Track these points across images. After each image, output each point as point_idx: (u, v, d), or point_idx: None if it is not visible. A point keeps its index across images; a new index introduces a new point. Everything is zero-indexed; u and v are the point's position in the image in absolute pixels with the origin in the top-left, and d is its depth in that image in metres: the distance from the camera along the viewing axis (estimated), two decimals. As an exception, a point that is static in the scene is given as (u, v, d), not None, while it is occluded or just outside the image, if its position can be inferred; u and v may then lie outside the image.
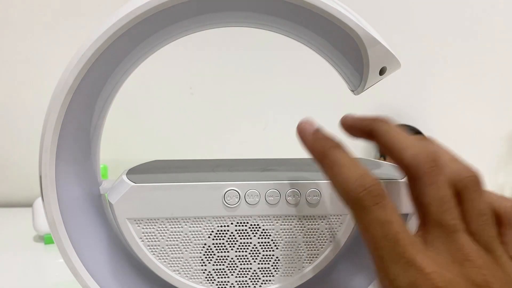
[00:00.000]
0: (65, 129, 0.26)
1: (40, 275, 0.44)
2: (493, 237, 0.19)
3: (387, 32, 0.62)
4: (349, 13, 0.24)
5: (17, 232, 0.53)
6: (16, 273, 0.42)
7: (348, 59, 0.27)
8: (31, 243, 0.49)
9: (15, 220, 0.58)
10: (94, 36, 0.24)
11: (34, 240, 0.50)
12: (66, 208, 0.26)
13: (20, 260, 0.45)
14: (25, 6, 0.60)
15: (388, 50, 0.26)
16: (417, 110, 0.68)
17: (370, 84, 0.27)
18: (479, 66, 0.67)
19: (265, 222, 0.26)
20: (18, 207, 0.63)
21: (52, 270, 0.44)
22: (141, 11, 0.23)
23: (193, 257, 0.26)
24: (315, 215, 0.26)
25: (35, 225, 0.49)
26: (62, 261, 0.44)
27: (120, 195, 0.25)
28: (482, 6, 0.65)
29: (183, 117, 0.65)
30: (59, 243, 0.26)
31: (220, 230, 0.26)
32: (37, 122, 0.62)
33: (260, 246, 0.26)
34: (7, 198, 0.65)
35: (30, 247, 0.48)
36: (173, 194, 0.25)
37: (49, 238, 0.49)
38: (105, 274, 0.27)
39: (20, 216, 0.57)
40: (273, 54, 0.63)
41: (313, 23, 0.25)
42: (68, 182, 0.27)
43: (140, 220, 0.25)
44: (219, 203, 0.25)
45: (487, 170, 0.70)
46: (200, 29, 0.27)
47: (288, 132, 0.65)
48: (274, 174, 0.27)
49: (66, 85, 0.24)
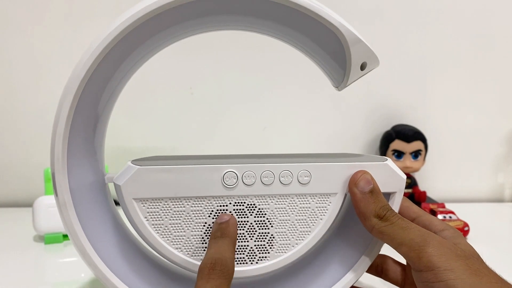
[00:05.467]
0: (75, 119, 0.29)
1: (40, 275, 0.45)
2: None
3: (388, 32, 0.66)
4: (333, 13, 0.29)
5: (17, 232, 0.55)
6: (16, 273, 0.43)
7: (332, 56, 0.31)
8: (31, 243, 0.51)
9: (15, 220, 0.60)
10: (105, 33, 0.28)
11: (34, 240, 0.52)
12: (75, 193, 0.30)
13: (20, 260, 0.46)
14: (25, 6, 0.62)
15: (368, 47, 0.30)
16: (418, 110, 0.70)
17: (353, 80, 0.31)
18: (479, 66, 0.69)
19: (260, 201, 0.30)
20: (18, 207, 0.66)
21: (52, 270, 0.46)
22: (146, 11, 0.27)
23: (194, 235, 0.29)
24: (307, 194, 0.30)
25: (35, 225, 0.50)
26: (62, 261, 0.47)
27: (127, 178, 0.29)
28: (482, 6, 0.67)
29: (183, 117, 0.68)
30: (69, 223, 0.29)
31: (219, 209, 0.30)
32: (37, 122, 0.66)
33: (256, 224, 0.30)
34: (7, 198, 0.68)
35: (30, 247, 0.50)
36: (176, 176, 0.29)
37: (49, 238, 0.50)
38: (112, 255, 0.31)
39: (20, 216, 0.60)
40: (273, 54, 0.66)
41: (298, 23, 0.30)
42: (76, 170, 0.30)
43: (146, 200, 0.29)
44: (219, 184, 0.29)
45: (487, 170, 0.73)
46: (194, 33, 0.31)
47: (287, 132, 0.69)
48: (269, 159, 0.31)
49: (79, 77, 0.28)
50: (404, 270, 0.34)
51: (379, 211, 0.29)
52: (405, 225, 0.28)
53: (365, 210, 0.29)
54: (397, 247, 0.28)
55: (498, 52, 0.69)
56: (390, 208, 0.29)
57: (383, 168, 0.31)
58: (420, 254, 0.26)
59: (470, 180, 0.73)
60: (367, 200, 0.29)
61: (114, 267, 0.31)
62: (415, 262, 0.27)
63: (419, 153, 0.65)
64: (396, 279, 0.34)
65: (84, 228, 0.30)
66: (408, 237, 0.27)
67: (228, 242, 0.28)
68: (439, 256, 0.26)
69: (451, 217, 0.55)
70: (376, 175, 0.30)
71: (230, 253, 0.27)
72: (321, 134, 0.71)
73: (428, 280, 0.26)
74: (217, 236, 0.28)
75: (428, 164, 0.69)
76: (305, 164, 0.30)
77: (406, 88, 0.70)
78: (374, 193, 0.30)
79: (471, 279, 0.25)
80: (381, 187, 0.30)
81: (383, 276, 0.35)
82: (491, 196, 0.74)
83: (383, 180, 0.30)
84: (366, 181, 0.30)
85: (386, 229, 0.28)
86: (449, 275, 0.25)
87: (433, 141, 0.68)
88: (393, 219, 0.29)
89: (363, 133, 0.71)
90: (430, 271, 0.26)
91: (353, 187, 0.30)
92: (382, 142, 0.68)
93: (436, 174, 0.72)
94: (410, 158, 0.65)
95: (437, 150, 0.69)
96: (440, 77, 0.70)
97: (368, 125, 0.71)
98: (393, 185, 0.31)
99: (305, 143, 0.71)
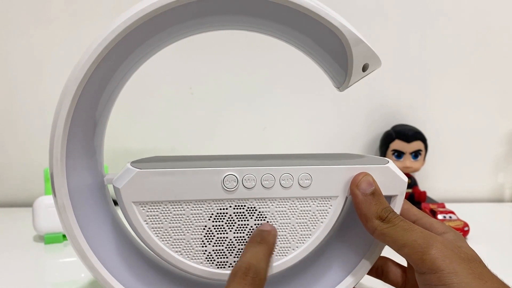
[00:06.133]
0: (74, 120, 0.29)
1: (40, 275, 0.45)
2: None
3: (388, 32, 0.66)
4: (334, 14, 0.28)
5: (17, 232, 0.55)
6: (16, 273, 0.43)
7: (334, 57, 0.31)
8: (31, 243, 0.51)
9: (15, 220, 0.60)
10: (104, 33, 0.27)
11: (34, 240, 0.52)
12: (74, 195, 0.29)
13: (20, 260, 0.46)
14: (25, 7, 0.62)
15: (370, 48, 0.30)
16: (418, 110, 0.70)
17: (354, 81, 0.31)
18: (480, 66, 0.69)
19: (261, 204, 0.29)
20: (18, 207, 0.66)
21: (52, 270, 0.46)
22: (146, 11, 0.27)
23: (194, 239, 0.29)
24: (307, 197, 0.30)
25: (35, 225, 0.50)
26: (62, 261, 0.47)
27: (126, 180, 0.28)
28: (482, 6, 0.67)
29: (183, 117, 0.67)
30: (68, 226, 0.29)
31: (219, 212, 0.29)
32: (37, 123, 0.65)
33: (256, 227, 0.30)
34: (7, 198, 0.68)
35: (30, 247, 0.50)
36: (176, 179, 0.28)
37: (49, 238, 0.50)
38: (111, 258, 0.31)
39: (20, 216, 0.60)
40: (274, 54, 0.66)
41: (299, 23, 0.29)
42: (75, 171, 0.30)
43: (145, 204, 0.29)
44: (219, 187, 0.29)
45: (487, 170, 0.73)
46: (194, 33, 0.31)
47: (287, 132, 0.69)
48: (269, 162, 0.30)
49: (77, 78, 0.28)
50: (405, 273, 0.34)
51: (381, 213, 0.29)
52: (407, 227, 0.28)
53: (367, 212, 0.29)
54: (399, 249, 0.28)
55: (498, 52, 0.69)
56: (392, 210, 0.29)
57: (384, 171, 0.30)
58: (423, 256, 0.26)
59: (470, 180, 0.73)
60: (369, 202, 0.29)
61: (113, 270, 0.30)
62: (418, 264, 0.26)
63: (419, 153, 0.65)
64: (396, 281, 0.34)
65: (83, 230, 0.29)
66: (411, 239, 0.27)
67: (266, 250, 0.27)
68: (442, 259, 0.25)
69: (451, 217, 0.55)
70: (378, 178, 0.30)
71: (265, 263, 0.26)
72: (321, 134, 0.70)
73: (431, 283, 0.25)
74: (256, 241, 0.28)
75: (428, 164, 0.68)
76: (306, 167, 0.29)
77: (406, 88, 0.70)
78: (376, 195, 0.29)
79: (475, 283, 0.24)
80: (383, 190, 0.30)
81: (384, 278, 0.34)
82: (491, 196, 0.74)
83: (385, 183, 0.30)
84: (367, 183, 0.29)
85: (388, 230, 0.28)
86: (453, 278, 0.25)
87: (433, 141, 0.67)
88: (395, 220, 0.28)
89: (363, 133, 0.71)
90: (433, 274, 0.25)
91: (355, 189, 0.30)
92: (382, 142, 0.68)
93: (436, 174, 0.72)
94: (410, 158, 0.65)
95: (437, 150, 0.69)
96: (440, 77, 0.69)
97: (368, 125, 0.70)
98: (395, 188, 0.31)
99: (305, 143, 0.71)
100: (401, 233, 0.28)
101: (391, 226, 0.28)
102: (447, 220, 0.55)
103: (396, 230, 0.28)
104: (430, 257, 0.26)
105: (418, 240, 0.27)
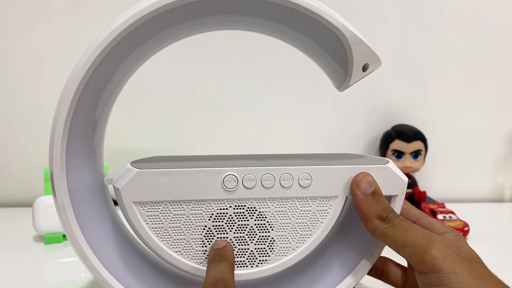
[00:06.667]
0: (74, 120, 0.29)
1: (40, 275, 0.45)
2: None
3: (388, 32, 0.66)
4: (335, 14, 0.28)
5: (17, 232, 0.54)
6: (16, 273, 0.43)
7: (334, 57, 0.31)
8: (31, 243, 0.51)
9: (15, 220, 0.59)
10: (104, 33, 0.27)
11: (34, 240, 0.52)
12: (74, 195, 0.29)
13: (20, 260, 0.46)
14: (25, 7, 0.62)
15: (370, 48, 0.30)
16: (418, 110, 0.70)
17: (354, 81, 0.31)
18: (480, 66, 0.69)
19: (261, 204, 0.29)
20: (18, 207, 0.65)
21: (52, 270, 0.46)
22: (146, 11, 0.27)
23: (194, 239, 0.29)
24: (307, 197, 0.29)
25: (35, 225, 0.50)
26: (62, 261, 0.47)
27: (126, 181, 0.28)
28: (482, 7, 0.67)
29: (183, 117, 0.67)
30: (68, 226, 0.29)
31: (219, 212, 0.29)
32: (37, 123, 0.65)
33: (256, 227, 0.30)
34: (7, 198, 0.67)
35: (30, 247, 0.50)
36: (176, 179, 0.28)
37: (49, 238, 0.50)
38: (111, 258, 0.31)
39: (20, 216, 0.60)
40: (274, 54, 0.66)
41: (299, 23, 0.29)
42: (75, 171, 0.30)
43: (145, 204, 0.29)
44: (219, 187, 0.29)
45: (487, 170, 0.73)
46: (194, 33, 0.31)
47: (288, 132, 0.69)
48: (269, 162, 0.30)
49: (77, 78, 0.27)
50: (405, 273, 0.34)
51: (381, 212, 0.29)
52: (408, 227, 0.28)
53: (367, 212, 0.29)
54: (399, 249, 0.28)
55: (498, 52, 0.69)
56: (392, 210, 0.29)
57: (384, 171, 0.30)
58: (423, 256, 0.26)
59: (470, 180, 0.73)
60: (369, 202, 0.29)
61: (113, 270, 0.30)
62: (418, 264, 0.26)
63: (419, 153, 0.65)
64: (396, 281, 0.34)
65: (83, 230, 0.29)
66: (411, 239, 0.27)
67: (227, 265, 0.27)
68: (443, 259, 0.25)
69: (451, 217, 0.55)
70: (378, 178, 0.30)
71: (230, 275, 0.27)
72: (321, 134, 0.70)
73: (431, 283, 0.25)
74: (216, 260, 0.28)
75: (428, 164, 0.68)
76: (306, 167, 0.29)
77: (406, 88, 0.69)
78: (376, 195, 0.29)
79: (475, 283, 0.24)
80: (383, 190, 0.30)
81: (384, 278, 0.34)
82: (491, 196, 0.74)
83: (385, 183, 0.30)
84: (368, 182, 0.29)
85: (388, 230, 0.28)
86: (453, 278, 0.25)
87: (433, 141, 0.67)
88: (395, 220, 0.28)
89: (363, 133, 0.71)
90: (433, 274, 0.25)
91: (355, 189, 0.30)
92: (382, 142, 0.67)
93: (436, 174, 0.72)
94: (410, 158, 0.65)
95: (437, 150, 0.69)
96: (440, 77, 0.69)
97: (368, 125, 0.70)
98: (395, 188, 0.31)
99: (305, 143, 0.71)
100: (402, 233, 0.28)
101: (392, 226, 0.28)
102: (447, 220, 0.55)
103: (397, 230, 0.28)
104: (431, 257, 0.26)
105: (419, 240, 0.27)
